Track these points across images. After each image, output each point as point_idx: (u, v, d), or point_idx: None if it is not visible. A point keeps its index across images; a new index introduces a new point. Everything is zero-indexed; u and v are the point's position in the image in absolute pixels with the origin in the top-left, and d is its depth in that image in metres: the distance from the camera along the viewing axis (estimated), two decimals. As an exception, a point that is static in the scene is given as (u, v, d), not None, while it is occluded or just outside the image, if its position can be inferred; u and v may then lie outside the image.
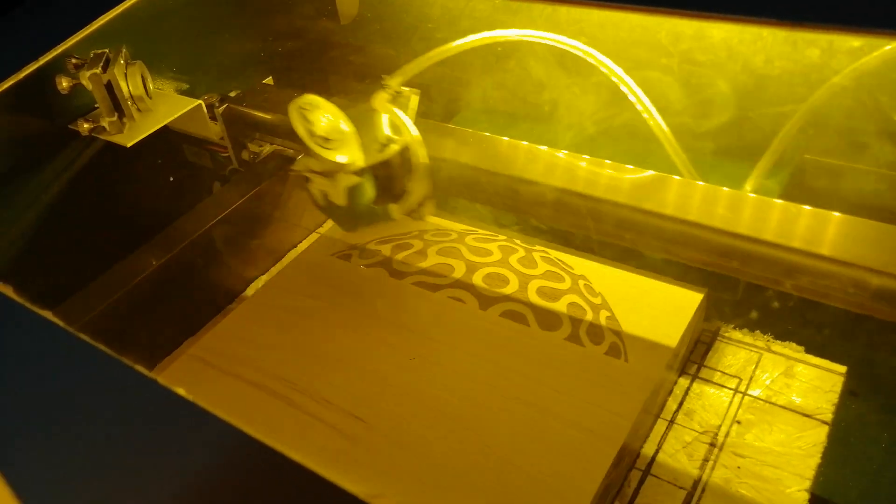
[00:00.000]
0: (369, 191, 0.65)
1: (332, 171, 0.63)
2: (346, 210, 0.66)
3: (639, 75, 0.57)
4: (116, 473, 0.35)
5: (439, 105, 0.84)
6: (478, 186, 0.65)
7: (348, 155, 0.62)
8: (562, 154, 0.63)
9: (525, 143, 0.65)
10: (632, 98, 0.58)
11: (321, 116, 0.63)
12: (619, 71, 0.58)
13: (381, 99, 0.65)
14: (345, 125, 0.63)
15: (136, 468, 0.34)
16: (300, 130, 0.62)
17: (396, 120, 0.64)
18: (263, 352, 0.65)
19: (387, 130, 0.65)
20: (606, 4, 0.48)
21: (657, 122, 0.58)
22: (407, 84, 0.66)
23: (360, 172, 0.63)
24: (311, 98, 0.63)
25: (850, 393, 0.62)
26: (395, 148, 0.64)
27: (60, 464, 0.36)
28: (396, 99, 0.65)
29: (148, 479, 0.34)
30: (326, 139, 0.62)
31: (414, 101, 0.66)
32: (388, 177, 0.65)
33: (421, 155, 0.63)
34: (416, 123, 0.64)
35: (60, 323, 0.40)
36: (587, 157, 0.62)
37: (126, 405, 0.36)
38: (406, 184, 0.65)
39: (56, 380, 0.39)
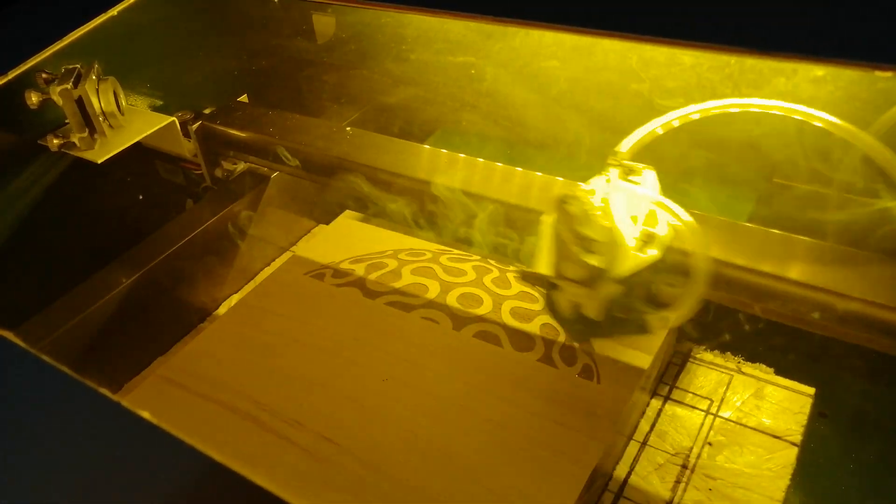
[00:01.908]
0: (628, 300, 0.52)
1: (592, 280, 0.49)
2: (593, 322, 0.53)
3: (609, 99, 0.58)
4: (79, 499, 0.34)
5: (414, 126, 0.84)
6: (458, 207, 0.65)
7: (612, 259, 0.48)
8: (538, 174, 0.63)
9: (500, 164, 0.65)
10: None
11: (579, 209, 0.48)
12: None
13: (615, 177, 0.50)
14: (608, 222, 0.49)
15: (100, 494, 0.34)
16: (563, 229, 0.49)
17: (664, 209, 0.49)
18: (234, 372, 0.64)
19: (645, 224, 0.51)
20: (579, 30, 0.49)
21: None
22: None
23: (622, 280, 0.50)
24: (576, 191, 0.49)
25: (818, 414, 0.63)
26: (661, 242, 0.50)
27: (21, 490, 0.35)
28: (629, 177, 0.51)
29: (111, 505, 0.33)
30: (592, 240, 0.48)
31: (654, 180, 0.52)
32: (649, 280, 0.52)
33: (702, 249, 0.48)
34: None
35: (21, 343, 0.39)
36: (560, 178, 0.62)
37: (90, 429, 0.36)
38: (665, 285, 0.52)
39: (17, 403, 0.38)
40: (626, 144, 0.52)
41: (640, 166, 0.52)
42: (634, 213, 0.51)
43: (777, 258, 0.52)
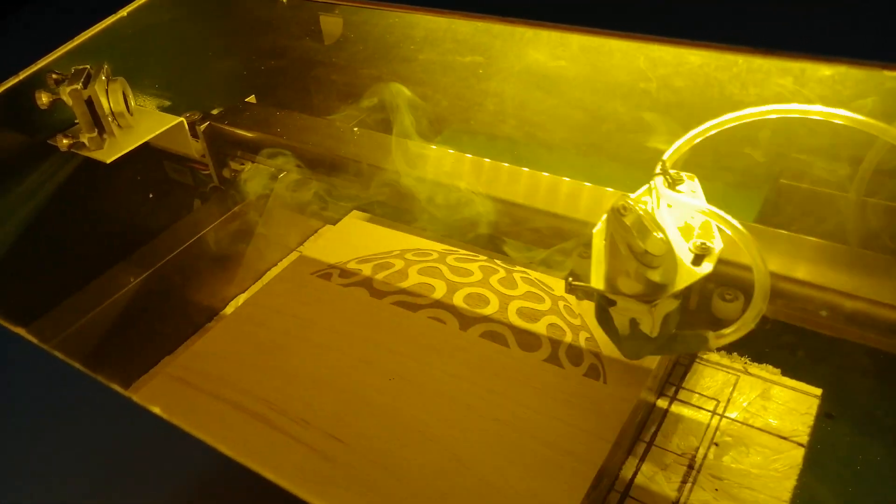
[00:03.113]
0: (677, 316, 0.50)
1: (649, 295, 0.47)
2: (651, 339, 0.50)
3: (618, 98, 0.58)
4: (92, 493, 0.34)
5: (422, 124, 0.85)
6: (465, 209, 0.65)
7: (670, 273, 0.46)
8: (545, 174, 0.64)
9: (506, 164, 0.65)
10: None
11: (635, 222, 0.46)
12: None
13: (664, 188, 0.48)
14: (661, 233, 0.46)
15: (112, 488, 0.34)
16: (620, 243, 0.46)
17: (718, 220, 0.47)
18: (242, 371, 0.64)
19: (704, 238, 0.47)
20: (587, 30, 0.49)
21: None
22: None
23: (677, 295, 0.47)
24: (631, 203, 0.46)
25: (825, 415, 0.63)
26: (715, 256, 0.47)
27: (35, 483, 0.35)
28: (674, 186, 0.50)
29: (124, 499, 0.33)
30: (650, 254, 0.46)
31: (698, 188, 0.50)
32: (703, 295, 0.50)
33: (759, 262, 0.46)
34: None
35: (35, 340, 0.39)
36: (567, 178, 0.63)
37: (102, 424, 0.36)
38: (722, 301, 0.50)
39: (30, 398, 0.38)
40: (671, 152, 0.50)
41: (684, 175, 0.50)
42: (687, 224, 0.49)
43: (784, 258, 0.52)
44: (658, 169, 0.50)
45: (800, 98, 0.53)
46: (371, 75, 0.84)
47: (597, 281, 0.48)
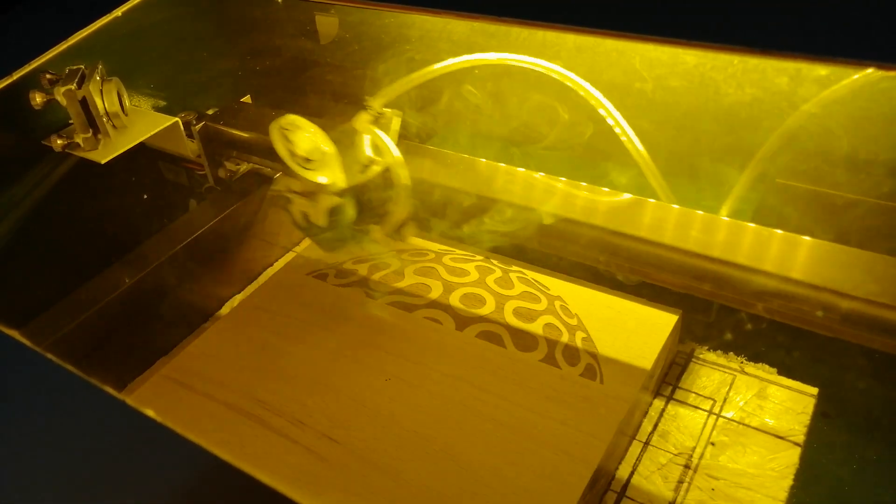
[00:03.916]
0: (350, 212, 0.65)
1: (312, 192, 0.64)
2: (326, 231, 0.66)
3: (615, 98, 0.58)
4: (85, 496, 0.34)
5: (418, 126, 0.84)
6: (457, 207, 0.65)
7: (329, 175, 0.62)
8: (538, 175, 0.64)
9: (503, 164, 0.65)
10: (610, 121, 0.59)
11: (303, 136, 0.62)
12: (598, 94, 0.59)
13: (362, 120, 0.64)
14: (326, 146, 0.63)
15: (104, 492, 0.34)
16: (281, 151, 0.62)
17: (378, 141, 0.64)
18: (237, 372, 0.64)
19: (368, 152, 0.64)
20: (582, 30, 0.49)
21: (634, 145, 0.59)
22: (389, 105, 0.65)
23: (341, 193, 0.63)
24: (293, 118, 0.62)
25: (821, 414, 0.63)
26: (376, 169, 0.63)
27: (27, 486, 0.35)
28: (378, 120, 0.65)
29: (118, 503, 0.33)
30: (308, 160, 0.62)
31: (396, 122, 0.65)
32: (369, 198, 0.65)
33: (402, 176, 0.63)
34: (397, 145, 0.64)
35: (28, 342, 0.39)
36: (563, 179, 0.62)
37: (95, 427, 0.36)
38: (387, 205, 0.65)
39: (23, 401, 0.38)
40: (378, 96, 0.65)
41: (387, 111, 0.65)
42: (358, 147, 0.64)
43: (779, 257, 0.52)
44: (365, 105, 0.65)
45: (796, 98, 0.54)
46: (367, 75, 0.84)
47: (278, 184, 0.69)
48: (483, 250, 0.78)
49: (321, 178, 0.62)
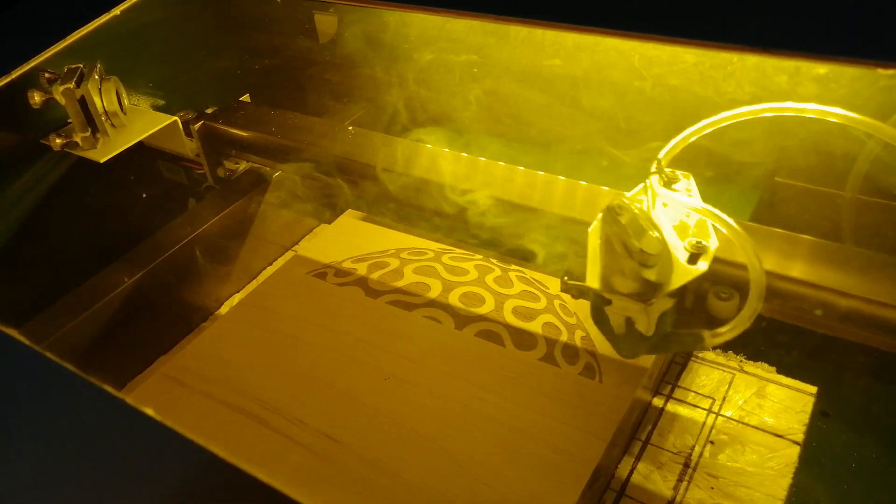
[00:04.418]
0: (681, 314, 0.50)
1: (645, 294, 0.47)
2: (646, 338, 0.50)
3: (613, 96, 0.58)
4: (83, 496, 0.34)
5: (417, 124, 0.84)
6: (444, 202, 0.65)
7: (665, 272, 0.46)
8: (541, 173, 0.63)
9: (502, 162, 0.65)
10: None
11: (632, 222, 0.46)
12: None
13: (659, 186, 0.49)
14: (657, 232, 0.46)
15: (104, 491, 0.34)
16: (616, 243, 0.46)
17: (707, 218, 0.48)
18: (237, 371, 0.64)
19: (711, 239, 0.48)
20: (581, 28, 0.49)
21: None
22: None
23: (674, 294, 0.47)
24: (625, 200, 0.47)
25: (821, 413, 0.63)
26: (711, 254, 0.47)
27: (26, 485, 0.35)
28: (669, 185, 0.50)
29: (117, 501, 0.33)
30: (646, 253, 0.46)
31: (694, 188, 0.51)
32: (699, 293, 0.50)
33: (755, 260, 0.46)
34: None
35: (27, 341, 0.39)
36: (563, 177, 0.62)
37: (94, 426, 0.36)
38: (718, 300, 0.50)
39: (22, 400, 0.38)
40: (665, 151, 0.51)
41: (679, 174, 0.50)
42: (681, 222, 0.49)
43: (779, 256, 0.52)
44: (654, 167, 0.50)
45: (795, 97, 0.53)
46: (366, 74, 0.84)
47: (592, 280, 0.48)
48: (482, 249, 0.78)
49: (655, 277, 0.46)
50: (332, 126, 0.76)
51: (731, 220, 0.46)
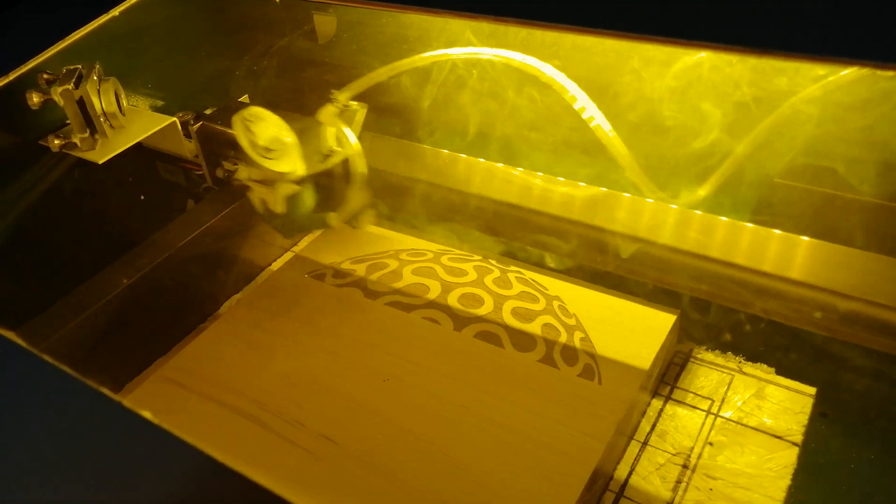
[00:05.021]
0: (308, 199, 0.69)
1: (271, 180, 0.67)
2: (284, 218, 0.69)
3: (609, 97, 0.58)
4: (80, 499, 0.34)
5: (416, 126, 0.84)
6: (438, 203, 0.66)
7: (289, 165, 0.66)
8: (536, 176, 0.63)
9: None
10: (592, 121, 0.59)
11: (264, 127, 0.65)
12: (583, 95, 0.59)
13: (327, 112, 0.68)
14: (287, 136, 0.66)
15: (101, 495, 0.34)
16: (243, 141, 0.65)
17: (339, 133, 0.68)
18: (235, 373, 0.64)
19: (330, 143, 0.68)
20: (580, 30, 0.49)
21: (616, 145, 0.58)
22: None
23: (299, 181, 0.66)
24: (256, 110, 0.66)
25: (820, 415, 0.63)
26: (335, 159, 0.67)
27: (23, 489, 0.35)
28: (344, 113, 0.68)
29: (113, 505, 0.33)
30: (268, 149, 0.65)
31: (360, 114, 0.69)
32: (328, 186, 0.69)
33: (360, 165, 0.67)
34: (362, 137, 0.67)
35: (24, 343, 0.39)
36: (561, 178, 0.62)
37: (91, 429, 0.36)
38: (345, 193, 0.68)
39: (18, 402, 0.38)
40: (344, 91, 0.68)
41: (353, 103, 0.68)
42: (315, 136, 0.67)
43: (778, 258, 0.52)
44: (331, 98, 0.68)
45: (794, 98, 0.53)
46: (364, 75, 0.84)
47: (240, 174, 0.69)
48: (482, 250, 0.78)
49: (280, 167, 0.65)
50: (299, 119, 0.75)
51: (351, 135, 0.67)
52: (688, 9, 0.45)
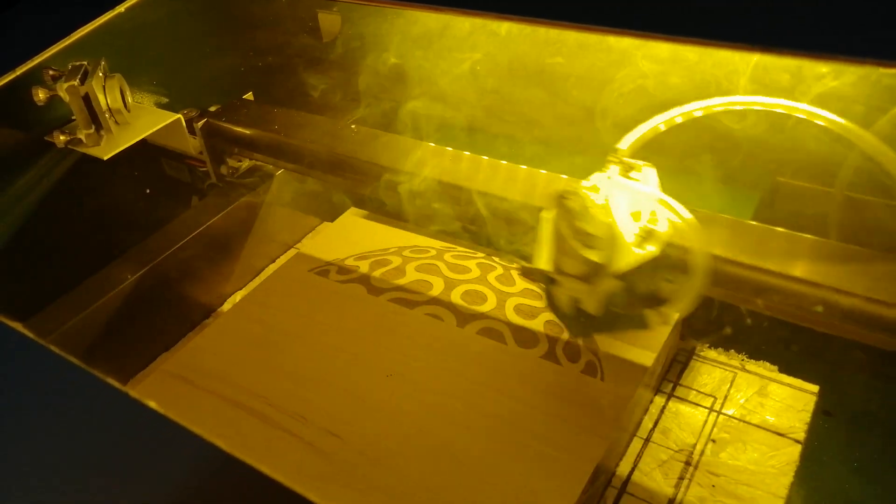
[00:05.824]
0: (632, 295, 0.52)
1: (590, 275, 0.49)
2: (593, 317, 0.53)
3: (613, 95, 0.58)
4: (89, 488, 0.34)
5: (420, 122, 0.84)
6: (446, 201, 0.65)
7: (613, 254, 0.49)
8: (542, 172, 0.64)
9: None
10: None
11: (584, 207, 0.49)
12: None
13: (616, 174, 0.51)
14: (603, 216, 0.49)
15: (107, 483, 0.34)
16: (563, 226, 0.49)
17: (663, 204, 0.50)
18: (239, 368, 0.64)
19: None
20: (584, 27, 0.49)
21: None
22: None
23: (622, 276, 0.49)
24: (574, 186, 0.50)
25: (822, 412, 0.63)
26: (661, 239, 0.50)
27: (32, 478, 0.35)
28: (628, 175, 0.52)
29: (120, 495, 0.33)
30: (591, 236, 0.49)
31: (653, 178, 0.52)
32: (649, 275, 0.51)
33: (699, 245, 0.48)
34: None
35: (31, 335, 0.39)
36: (562, 175, 0.62)
37: (98, 419, 0.36)
38: (664, 283, 0.51)
39: (28, 393, 0.38)
40: (627, 141, 0.52)
41: (640, 163, 0.52)
42: (636, 209, 0.51)
43: (781, 255, 0.52)
44: (612, 156, 0.52)
45: (796, 94, 0.53)
46: (368, 72, 0.84)
47: (543, 262, 0.51)
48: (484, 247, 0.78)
49: (604, 258, 0.48)
50: (334, 124, 0.76)
51: (680, 208, 0.49)
52: (690, 6, 0.45)
